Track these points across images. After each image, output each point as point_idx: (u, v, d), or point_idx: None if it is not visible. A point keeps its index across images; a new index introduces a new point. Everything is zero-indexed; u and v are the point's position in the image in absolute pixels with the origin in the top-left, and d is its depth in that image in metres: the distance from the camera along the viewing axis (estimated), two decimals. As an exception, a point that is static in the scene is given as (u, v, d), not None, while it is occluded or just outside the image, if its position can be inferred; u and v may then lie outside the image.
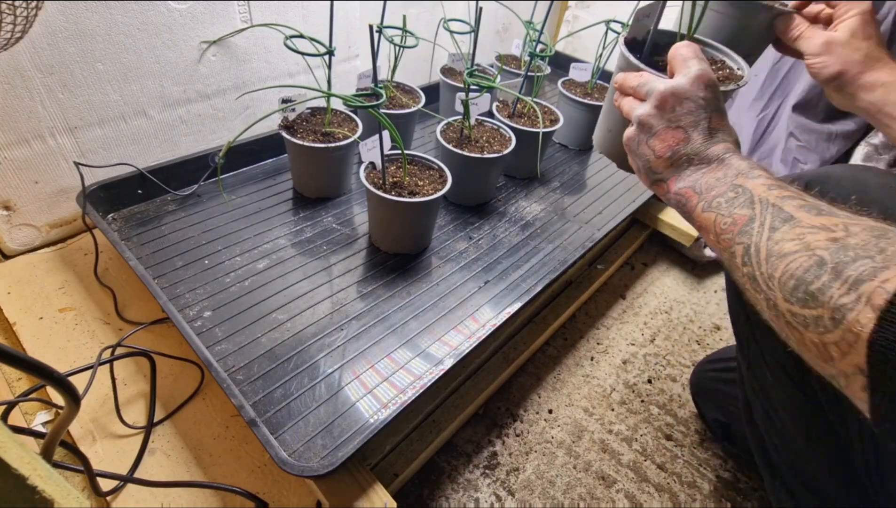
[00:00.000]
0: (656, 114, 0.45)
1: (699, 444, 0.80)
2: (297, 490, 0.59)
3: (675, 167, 0.44)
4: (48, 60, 0.72)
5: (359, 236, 0.85)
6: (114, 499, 0.56)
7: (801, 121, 1.15)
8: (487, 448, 0.75)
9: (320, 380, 0.63)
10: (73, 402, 0.35)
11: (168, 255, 0.76)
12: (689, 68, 0.44)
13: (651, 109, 0.45)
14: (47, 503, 0.29)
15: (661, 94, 0.44)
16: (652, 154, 0.45)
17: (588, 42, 1.72)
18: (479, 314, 0.75)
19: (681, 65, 0.45)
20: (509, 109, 1.04)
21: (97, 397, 0.64)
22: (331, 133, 0.86)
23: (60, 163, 0.80)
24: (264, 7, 0.91)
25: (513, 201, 0.99)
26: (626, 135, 0.48)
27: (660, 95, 0.44)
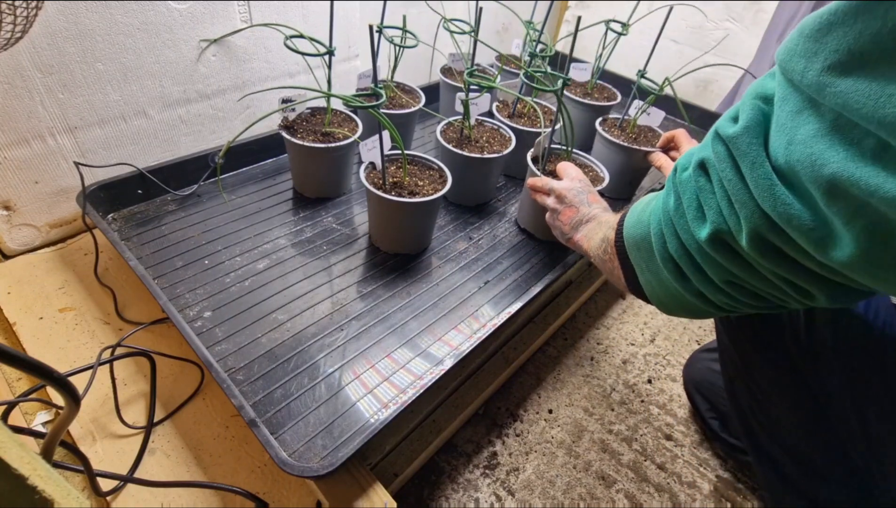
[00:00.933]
0: (558, 202, 0.74)
1: (699, 444, 0.80)
2: (297, 490, 0.59)
3: (575, 228, 0.70)
4: (48, 60, 0.72)
5: (359, 236, 0.85)
6: (114, 499, 0.56)
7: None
8: (487, 448, 0.75)
9: (320, 380, 0.63)
10: (73, 402, 0.35)
11: (168, 255, 0.76)
12: (569, 173, 0.77)
13: (554, 200, 0.75)
14: (47, 503, 0.29)
15: (559, 190, 0.74)
16: (562, 225, 0.73)
17: (588, 42, 1.72)
18: (479, 314, 0.75)
19: (563, 172, 0.78)
20: (509, 109, 1.04)
21: (97, 397, 0.64)
22: (331, 133, 0.86)
23: (60, 163, 0.80)
24: (264, 7, 0.91)
25: (513, 201, 0.99)
26: (546, 218, 0.78)
27: (558, 191, 0.74)
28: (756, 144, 0.34)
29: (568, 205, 0.73)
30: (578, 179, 0.76)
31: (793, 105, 0.32)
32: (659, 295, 0.48)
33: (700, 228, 0.39)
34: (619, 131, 1.00)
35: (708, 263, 0.40)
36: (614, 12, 1.15)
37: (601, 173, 0.88)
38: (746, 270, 0.38)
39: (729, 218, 0.36)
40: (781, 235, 0.33)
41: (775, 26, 1.22)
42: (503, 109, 1.04)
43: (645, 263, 0.48)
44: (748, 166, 0.34)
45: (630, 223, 0.51)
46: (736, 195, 0.35)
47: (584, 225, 0.69)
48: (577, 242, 0.69)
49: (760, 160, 0.33)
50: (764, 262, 0.36)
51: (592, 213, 0.70)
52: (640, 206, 0.51)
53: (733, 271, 0.39)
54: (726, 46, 1.46)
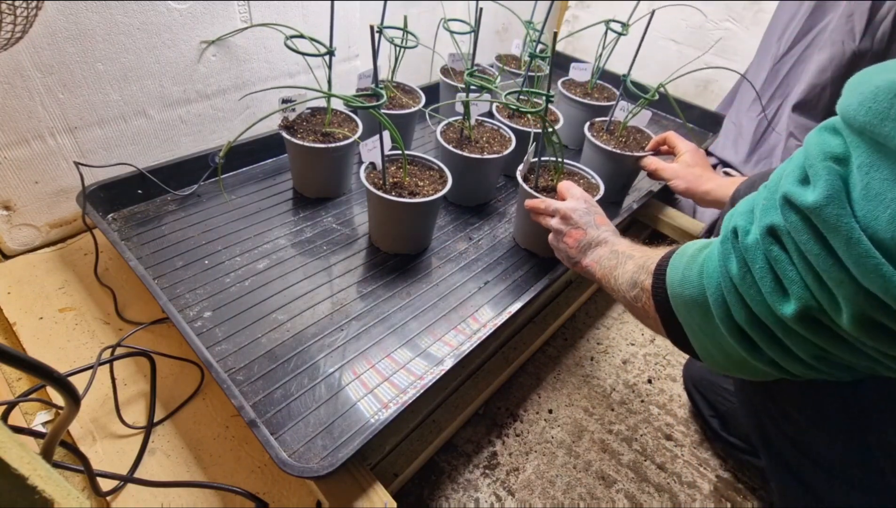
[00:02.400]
0: (563, 223, 0.71)
1: (699, 444, 0.80)
2: (297, 490, 0.59)
3: (583, 252, 0.67)
4: (48, 60, 0.72)
5: (359, 237, 0.85)
6: (114, 499, 0.56)
7: (801, 121, 1.15)
8: (487, 448, 0.75)
9: (320, 380, 0.63)
10: (73, 402, 0.35)
11: (168, 255, 0.76)
12: (573, 193, 0.74)
13: (559, 221, 0.72)
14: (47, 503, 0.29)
15: (563, 211, 0.71)
16: (567, 247, 0.70)
17: (588, 42, 1.72)
18: (479, 314, 0.75)
19: (566, 192, 0.75)
20: (509, 109, 1.04)
21: (97, 397, 0.64)
22: (331, 133, 0.86)
23: (60, 163, 0.80)
24: (264, 7, 0.91)
25: (513, 201, 0.99)
26: (549, 239, 0.74)
27: (563, 212, 0.71)
28: (845, 216, 0.31)
29: (574, 226, 0.69)
30: (584, 199, 0.73)
31: (891, 172, 0.29)
32: (716, 358, 0.44)
33: (782, 303, 0.35)
34: (607, 135, 1.00)
35: (793, 339, 0.36)
36: (614, 12, 1.15)
37: (594, 181, 0.87)
38: (843, 347, 0.35)
39: (820, 295, 0.33)
40: (893, 316, 0.30)
41: (775, 26, 1.22)
42: (503, 110, 1.04)
43: (699, 326, 0.44)
44: (842, 243, 0.31)
45: (676, 280, 0.46)
46: (829, 273, 0.32)
47: (593, 249, 0.66)
48: (587, 267, 0.66)
49: (857, 236, 0.30)
50: (868, 341, 0.33)
51: (602, 236, 0.67)
52: (684, 259, 0.46)
53: (825, 348, 0.35)
54: (726, 46, 1.46)
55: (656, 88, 0.89)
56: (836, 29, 1.09)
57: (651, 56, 1.57)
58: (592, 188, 0.86)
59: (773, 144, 1.17)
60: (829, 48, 1.09)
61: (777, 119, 1.20)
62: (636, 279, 0.53)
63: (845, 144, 0.32)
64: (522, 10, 1.20)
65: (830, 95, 1.13)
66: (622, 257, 0.60)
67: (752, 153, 1.19)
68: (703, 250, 0.44)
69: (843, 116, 0.33)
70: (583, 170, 0.89)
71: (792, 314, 0.34)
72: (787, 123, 1.16)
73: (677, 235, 1.08)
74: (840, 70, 1.09)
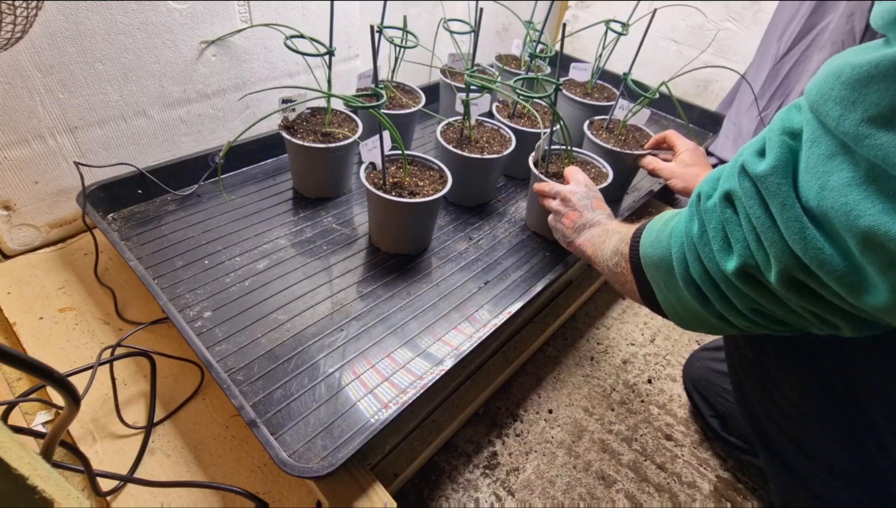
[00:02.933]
0: (562, 204, 0.76)
1: (699, 444, 0.80)
2: (298, 490, 0.59)
3: (578, 232, 0.72)
4: (48, 60, 0.72)
5: (359, 237, 0.85)
6: (114, 499, 0.56)
7: (801, 121, 1.15)
8: (487, 448, 0.75)
9: (320, 380, 0.63)
10: (73, 402, 0.35)
11: (168, 255, 0.76)
12: (576, 178, 0.78)
13: (559, 203, 0.76)
14: (47, 503, 0.29)
15: (563, 194, 0.76)
16: (564, 228, 0.74)
17: (588, 42, 1.72)
18: (479, 315, 0.75)
19: (570, 177, 0.79)
20: (509, 109, 1.04)
21: (97, 397, 0.64)
22: (331, 133, 0.86)
23: (60, 163, 0.80)
24: (264, 7, 0.91)
25: (513, 201, 0.99)
26: (549, 220, 0.79)
27: (563, 195, 0.76)
28: (785, 184, 0.34)
29: (572, 208, 0.74)
30: (584, 183, 0.77)
31: (825, 148, 0.32)
32: (678, 312, 0.48)
33: (726, 259, 0.39)
34: (606, 134, 1.00)
35: (733, 292, 0.40)
36: (614, 12, 1.16)
37: (604, 169, 0.90)
38: (773, 301, 0.38)
39: (757, 253, 0.36)
40: (812, 276, 0.34)
41: (775, 26, 1.22)
42: (503, 110, 1.04)
43: (664, 282, 0.48)
44: (778, 207, 0.34)
45: (647, 242, 0.51)
46: (765, 233, 0.35)
47: (587, 229, 0.70)
48: (580, 246, 0.70)
49: (790, 202, 0.33)
50: (793, 298, 0.36)
51: (596, 218, 0.71)
52: (658, 225, 0.50)
53: (759, 302, 0.39)
54: (726, 46, 1.46)
55: (658, 87, 0.89)
56: (836, 29, 1.09)
57: (651, 56, 1.57)
58: (602, 176, 0.89)
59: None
60: (829, 48, 1.09)
61: (777, 119, 1.20)
62: (617, 248, 0.58)
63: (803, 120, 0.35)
64: (522, 10, 1.20)
65: (830, 95, 1.12)
66: (610, 234, 0.64)
67: (752, 153, 1.19)
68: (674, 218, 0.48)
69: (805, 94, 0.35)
70: (593, 158, 0.92)
71: (733, 270, 0.38)
72: (787, 123, 1.15)
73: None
74: (840, 70, 1.09)
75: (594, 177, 0.88)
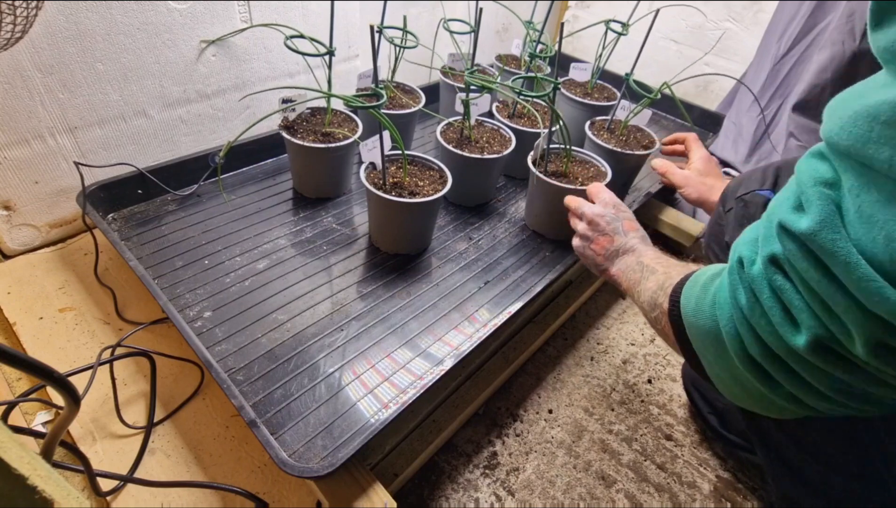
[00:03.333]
0: (589, 228, 0.70)
1: (699, 444, 0.80)
2: (298, 490, 0.59)
3: (610, 260, 0.66)
4: (48, 60, 0.72)
5: (359, 236, 0.85)
6: (114, 499, 0.56)
7: (801, 121, 1.15)
8: (487, 448, 0.75)
9: (320, 380, 0.63)
10: (73, 402, 0.35)
11: (168, 255, 0.76)
12: (602, 197, 0.71)
13: (586, 226, 0.70)
14: (47, 503, 0.29)
15: (590, 216, 0.69)
16: (594, 255, 0.68)
17: (588, 42, 1.72)
18: (479, 314, 0.75)
19: (595, 196, 0.72)
20: (509, 109, 1.04)
21: (97, 397, 0.64)
22: (331, 133, 0.86)
23: (60, 163, 0.80)
24: (264, 7, 0.91)
25: (513, 201, 0.99)
26: (574, 243, 0.72)
27: (589, 217, 0.70)
28: (841, 239, 0.30)
29: (601, 233, 0.68)
30: (612, 203, 0.71)
31: (879, 194, 0.29)
32: (736, 394, 0.42)
33: (793, 334, 0.34)
34: (608, 134, 1.00)
35: (809, 371, 0.35)
36: (614, 12, 1.16)
37: (603, 169, 0.89)
38: (862, 377, 0.33)
39: (830, 323, 0.32)
40: None
41: (775, 26, 1.22)
42: (503, 110, 1.04)
43: (713, 357, 0.42)
44: (841, 268, 0.30)
45: (689, 310, 0.44)
46: (834, 299, 0.31)
47: (620, 257, 0.64)
48: (614, 276, 0.64)
49: (854, 260, 0.29)
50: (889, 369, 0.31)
51: (629, 244, 0.65)
52: (696, 289, 0.44)
53: (845, 379, 0.34)
54: (726, 46, 1.46)
55: (659, 88, 0.89)
56: (836, 29, 1.09)
57: (651, 56, 1.57)
58: (601, 175, 0.88)
59: (774, 143, 1.18)
60: (829, 48, 1.09)
61: (777, 119, 1.20)
62: (656, 300, 0.52)
63: (834, 168, 0.32)
64: (522, 10, 1.20)
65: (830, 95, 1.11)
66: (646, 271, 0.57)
67: (752, 153, 1.19)
68: (714, 280, 0.43)
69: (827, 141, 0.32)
70: (592, 158, 0.91)
71: (804, 345, 0.33)
72: (787, 123, 1.16)
73: (677, 235, 1.08)
74: (840, 70, 1.09)
75: (593, 176, 0.87)
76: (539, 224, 0.91)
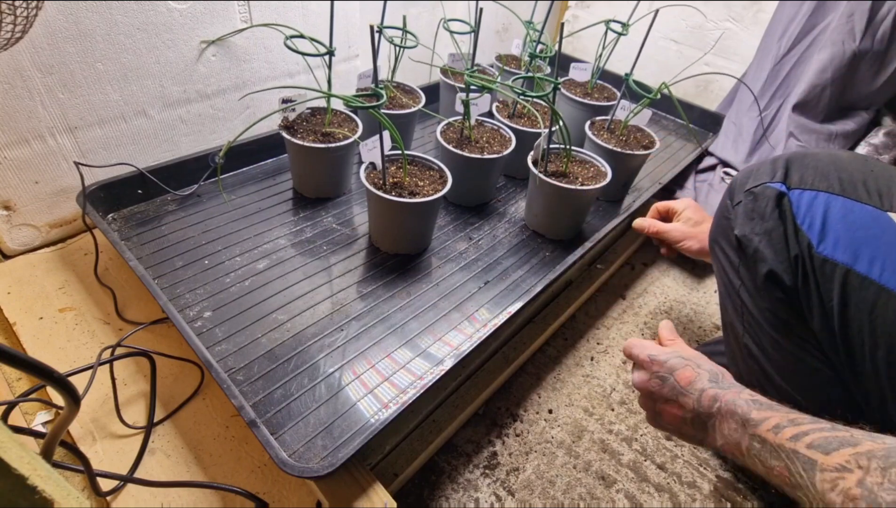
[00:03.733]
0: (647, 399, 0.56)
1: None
2: (298, 490, 0.59)
3: (701, 430, 0.50)
4: (48, 60, 0.72)
5: (359, 237, 0.85)
6: (114, 499, 0.56)
7: (801, 121, 1.15)
8: (487, 448, 0.75)
9: (320, 380, 0.63)
10: (73, 402, 0.35)
11: (168, 255, 0.76)
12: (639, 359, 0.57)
13: (643, 399, 0.57)
14: (47, 503, 0.29)
15: (639, 388, 0.56)
16: (672, 427, 0.54)
17: (588, 42, 1.72)
18: (479, 314, 0.75)
19: (632, 359, 0.58)
20: (509, 109, 1.04)
21: (97, 397, 0.64)
22: (331, 133, 0.86)
23: (60, 163, 0.80)
24: (264, 7, 0.91)
25: (513, 201, 0.99)
26: (640, 403, 0.58)
27: (640, 389, 0.56)
28: None
29: (662, 401, 0.54)
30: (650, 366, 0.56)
31: None
32: None
33: None
34: (608, 134, 1.00)
35: None
36: (614, 12, 1.15)
37: (603, 168, 0.89)
38: None
39: None
40: None
41: (775, 26, 1.22)
42: (503, 110, 1.04)
43: None
44: None
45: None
46: None
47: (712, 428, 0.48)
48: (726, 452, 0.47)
49: None
50: None
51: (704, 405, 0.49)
52: None
53: None
54: (726, 46, 1.46)
55: (659, 88, 0.89)
56: (836, 29, 1.09)
57: (651, 56, 1.56)
58: (601, 175, 0.88)
59: (774, 143, 1.18)
60: (829, 48, 1.09)
61: (777, 119, 1.20)
62: None
63: None
64: (522, 10, 1.20)
65: (830, 95, 1.13)
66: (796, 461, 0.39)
67: (752, 153, 1.19)
68: None
69: None
70: (592, 157, 0.92)
71: None
72: (787, 123, 1.16)
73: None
74: (840, 70, 1.09)
75: (593, 176, 0.87)
76: (539, 224, 0.91)
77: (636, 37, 0.95)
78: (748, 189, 0.57)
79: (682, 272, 1.14)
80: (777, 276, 0.54)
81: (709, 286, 1.11)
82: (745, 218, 0.57)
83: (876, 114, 1.21)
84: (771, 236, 0.54)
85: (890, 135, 1.16)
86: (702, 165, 1.24)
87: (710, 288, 1.10)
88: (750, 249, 0.56)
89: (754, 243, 0.55)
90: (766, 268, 0.54)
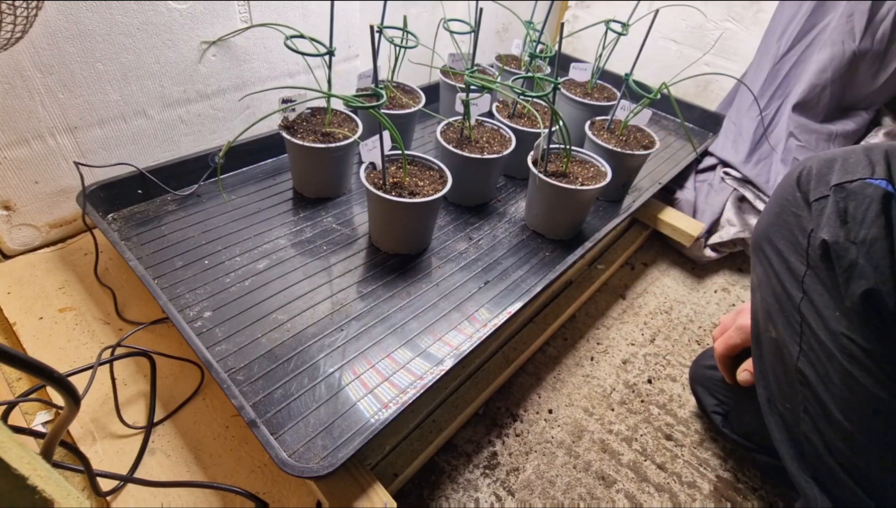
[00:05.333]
0: None
1: (699, 444, 0.80)
2: (298, 490, 0.59)
3: None
4: (48, 60, 0.72)
5: (359, 237, 0.85)
6: (114, 499, 0.56)
7: (801, 121, 1.15)
8: (487, 448, 0.75)
9: (320, 380, 0.63)
10: (73, 402, 0.35)
11: (168, 255, 0.76)
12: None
13: None
14: (47, 503, 0.29)
15: None
16: None
17: (588, 42, 1.72)
18: (479, 314, 0.75)
19: None
20: (509, 109, 1.04)
21: (97, 397, 0.64)
22: (331, 133, 0.86)
23: (60, 163, 0.80)
24: (264, 7, 0.91)
25: (513, 201, 0.99)
26: None
27: None
28: None
29: None
30: None
31: None
32: None
33: None
34: (608, 134, 1.00)
35: None
36: (614, 12, 1.15)
37: (602, 168, 0.90)
38: None
39: None
40: None
41: (775, 26, 1.22)
42: (503, 110, 1.04)
43: None
44: None
45: None
46: None
47: None
48: None
49: None
50: None
51: None
52: None
53: None
54: (726, 46, 1.46)
55: (659, 88, 0.89)
56: (836, 29, 1.09)
57: (651, 56, 1.56)
58: (601, 175, 0.88)
59: (774, 143, 1.18)
60: (829, 48, 1.09)
61: (777, 119, 1.20)
62: None
63: None
64: (522, 10, 1.20)
65: (830, 95, 1.13)
66: None
67: (752, 153, 1.19)
68: None
69: None
70: (592, 157, 0.92)
71: None
72: (787, 122, 1.16)
73: (677, 235, 1.08)
74: (840, 70, 1.09)
75: (593, 176, 0.87)
76: (539, 224, 0.91)
77: (636, 37, 0.95)
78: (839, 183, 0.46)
79: (682, 272, 1.14)
80: (879, 298, 0.43)
81: (708, 286, 1.11)
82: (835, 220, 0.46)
83: (876, 114, 1.21)
84: (873, 247, 0.44)
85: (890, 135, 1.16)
86: (702, 165, 1.24)
87: (710, 288, 1.10)
88: (845, 261, 0.45)
89: (851, 254, 0.44)
90: (863, 286, 0.44)
